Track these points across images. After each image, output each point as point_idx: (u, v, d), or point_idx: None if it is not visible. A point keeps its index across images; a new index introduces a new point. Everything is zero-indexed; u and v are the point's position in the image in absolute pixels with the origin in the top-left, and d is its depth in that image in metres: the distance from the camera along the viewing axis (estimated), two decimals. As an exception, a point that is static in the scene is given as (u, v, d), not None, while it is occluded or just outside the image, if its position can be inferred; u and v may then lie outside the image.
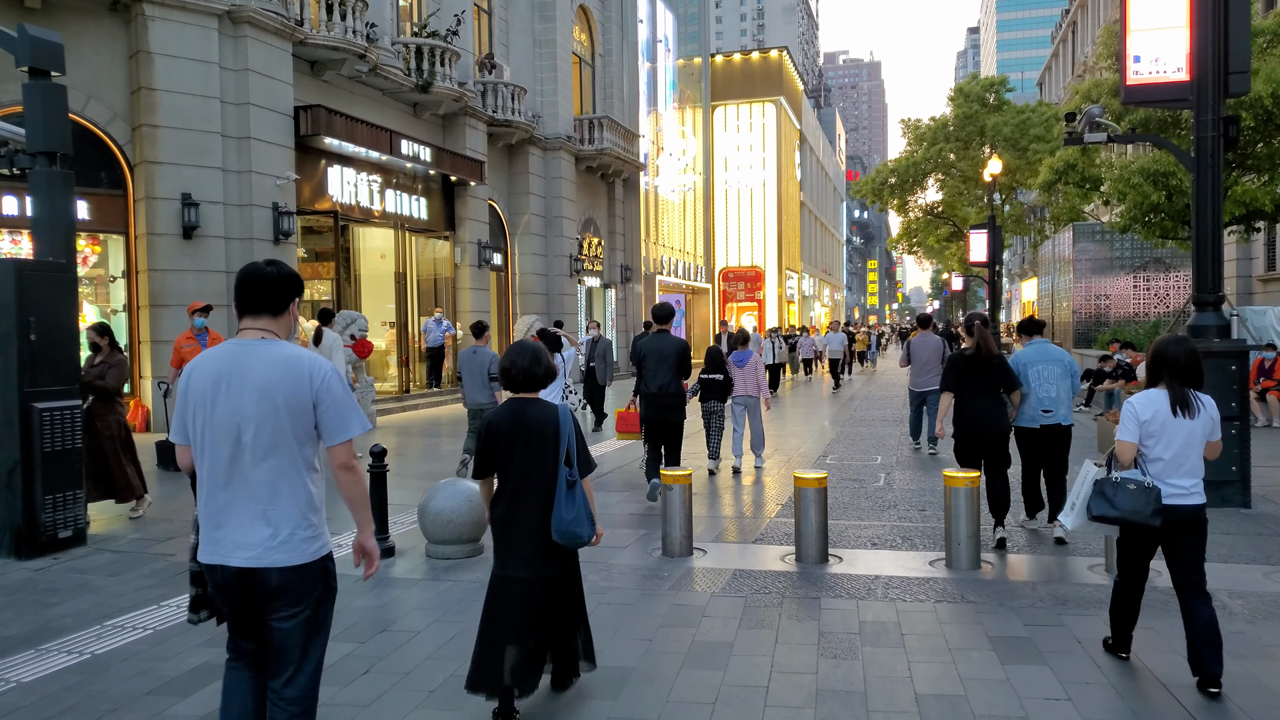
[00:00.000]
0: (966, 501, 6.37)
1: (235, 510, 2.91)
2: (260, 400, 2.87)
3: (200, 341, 10.03)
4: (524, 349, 3.96)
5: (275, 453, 2.90)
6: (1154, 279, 21.20)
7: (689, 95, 40.20)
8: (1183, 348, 4.24)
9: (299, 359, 2.92)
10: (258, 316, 2.99)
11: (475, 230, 21.95)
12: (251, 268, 3.02)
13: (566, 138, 26.12)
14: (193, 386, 2.95)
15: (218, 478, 2.92)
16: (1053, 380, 7.06)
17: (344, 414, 2.98)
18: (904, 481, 10.01)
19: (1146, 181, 14.88)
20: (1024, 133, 32.55)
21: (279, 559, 2.89)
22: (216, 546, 2.92)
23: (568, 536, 3.81)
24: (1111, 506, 4.27)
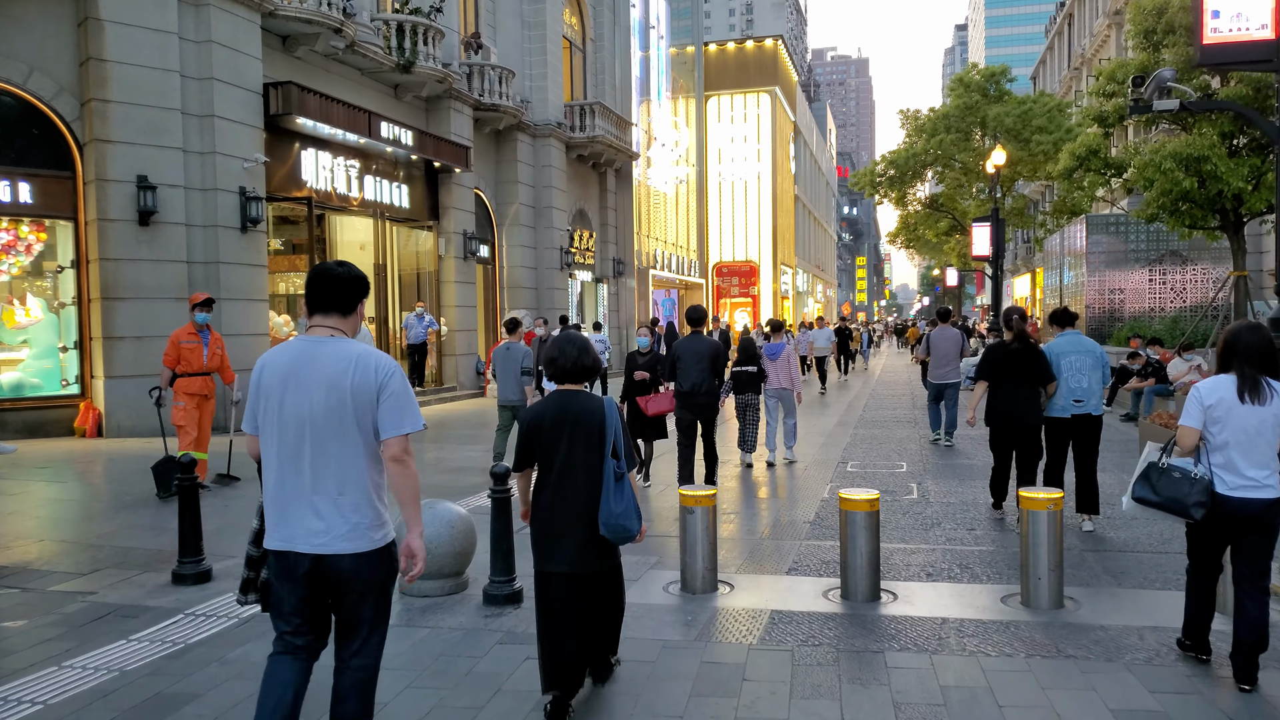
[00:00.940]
0: (1049, 527, 5.31)
1: (303, 498, 3.01)
2: (328, 393, 2.98)
3: (203, 339, 8.92)
4: (572, 340, 3.91)
5: (342, 443, 3.01)
6: (1170, 272, 20.25)
7: (682, 85, 39.10)
8: (1257, 335, 4.12)
9: (366, 354, 3.04)
10: (327, 315, 3.10)
11: (460, 220, 20.79)
12: (322, 268, 3.12)
13: (557, 124, 24.96)
14: (264, 381, 3.07)
15: (286, 467, 3.03)
16: (1084, 371, 7.10)
17: (402, 409, 3.05)
18: (940, 494, 8.95)
19: (1178, 167, 13.88)
20: (1026, 124, 31.59)
21: (348, 546, 3.01)
22: (285, 533, 3.03)
23: (617, 530, 3.75)
24: (1153, 492, 4.24)
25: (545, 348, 4.26)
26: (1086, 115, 16.16)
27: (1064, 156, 16.43)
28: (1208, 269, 20.03)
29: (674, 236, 37.04)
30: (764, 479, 9.97)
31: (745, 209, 43.73)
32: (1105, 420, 14.18)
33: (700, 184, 40.98)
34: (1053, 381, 7.12)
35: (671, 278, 35.95)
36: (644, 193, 32.85)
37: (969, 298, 64.88)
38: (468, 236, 20.92)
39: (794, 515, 8.07)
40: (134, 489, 9.10)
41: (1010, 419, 7.32)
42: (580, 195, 27.60)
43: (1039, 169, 31.58)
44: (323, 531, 3.00)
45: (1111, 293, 20.58)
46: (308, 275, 3.14)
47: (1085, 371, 7.11)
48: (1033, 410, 7.23)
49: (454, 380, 20.62)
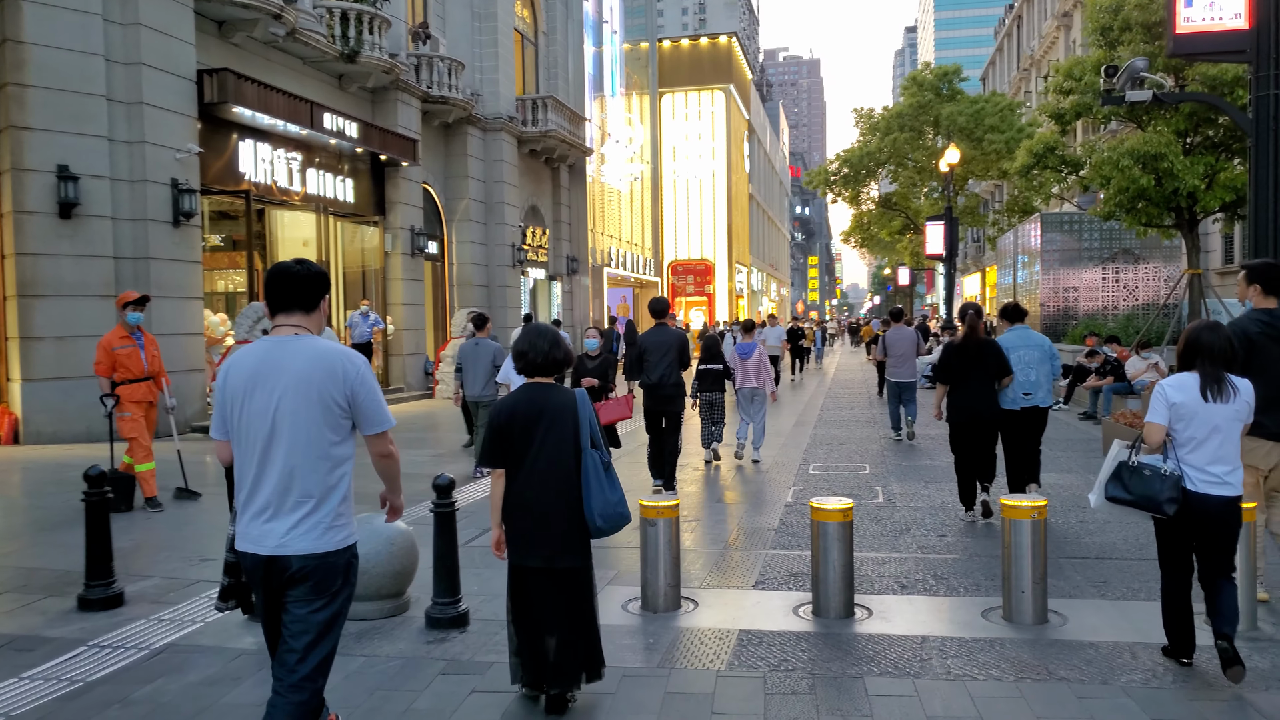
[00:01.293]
0: (1033, 537, 4.99)
1: (266, 500, 2.97)
2: (295, 393, 2.94)
3: (137, 341, 8.17)
4: (543, 332, 3.87)
5: (310, 444, 2.97)
6: (1123, 270, 20.33)
7: (636, 81, 38.70)
8: (1217, 334, 4.19)
9: (333, 353, 3.00)
10: (290, 313, 3.05)
11: (408, 215, 20.15)
12: (280, 266, 3.08)
13: (508, 118, 24.39)
14: (230, 383, 3.02)
15: (251, 469, 2.99)
16: (1033, 365, 7.40)
17: (380, 405, 3.07)
18: (906, 497, 8.64)
19: (1135, 164, 13.81)
20: (978, 123, 31.75)
21: (301, 546, 2.95)
22: (248, 534, 3.00)
23: (614, 519, 3.73)
24: (1125, 491, 4.26)
25: (514, 341, 4.12)
26: (1043, 112, 16.05)
27: (1021, 154, 16.33)
28: (1159, 267, 20.16)
29: (629, 234, 36.63)
30: (725, 482, 9.60)
31: (700, 207, 43.44)
32: (1063, 419, 14.07)
33: (655, 181, 40.61)
34: (1009, 375, 7.38)
35: (626, 276, 35.55)
36: (598, 190, 32.39)
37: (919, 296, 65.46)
38: (415, 232, 20.29)
39: (758, 522, 7.69)
40: (47, 501, 8.43)
41: (971, 412, 7.48)
42: (533, 191, 27.06)
43: (991, 167, 31.77)
44: (279, 531, 2.96)
45: (1066, 291, 20.61)
46: (266, 275, 3.11)
47: (1034, 365, 7.41)
48: (990, 403, 7.44)
49: (401, 381, 19.97)
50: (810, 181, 36.21)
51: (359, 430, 3.08)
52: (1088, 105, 14.94)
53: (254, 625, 5.09)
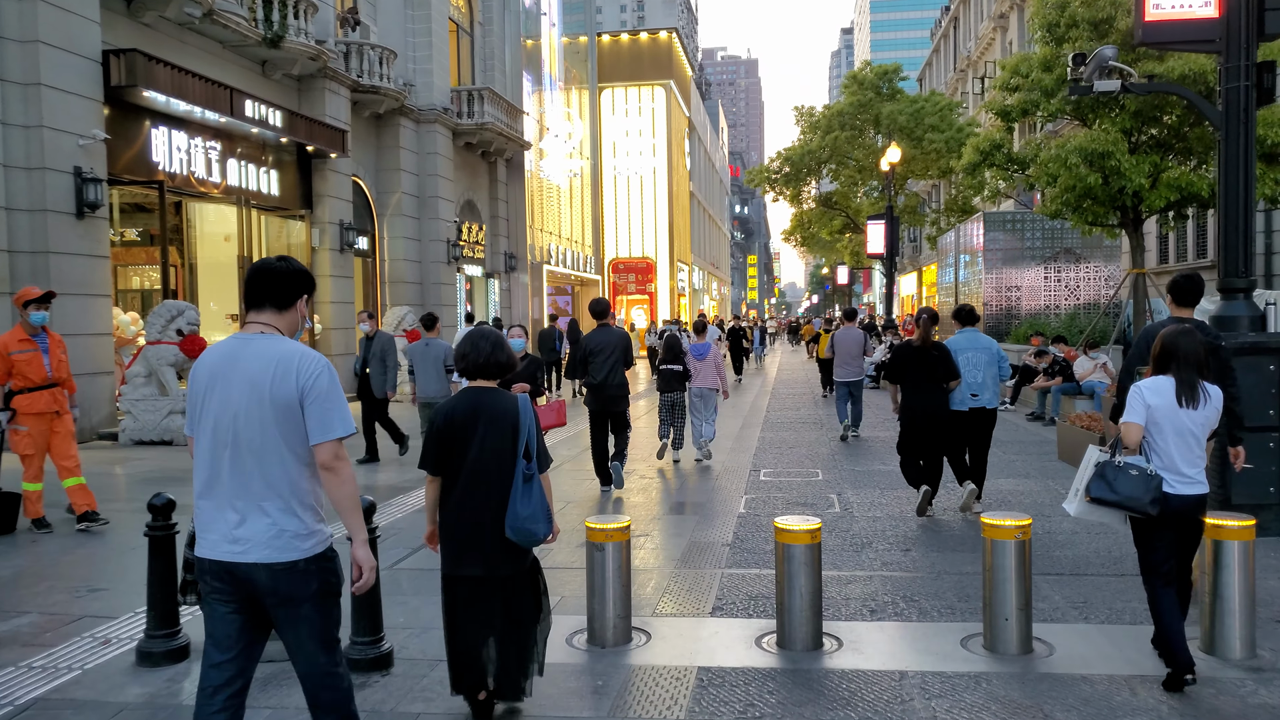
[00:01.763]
0: (1017, 559, 4.56)
1: (223, 504, 2.86)
2: (250, 393, 2.84)
3: (40, 344, 7.25)
4: (485, 334, 3.82)
5: (263, 448, 2.85)
6: (1065, 270, 20.38)
7: (575, 75, 38.03)
8: (1193, 341, 4.23)
9: (290, 353, 2.86)
10: (260, 310, 2.95)
11: (337, 209, 19.25)
12: (262, 263, 3.00)
13: (443, 109, 23.57)
14: (194, 380, 2.95)
15: (206, 470, 2.89)
16: (980, 367, 7.58)
17: (328, 412, 2.88)
18: (864, 506, 8.22)
19: (1083, 162, 13.69)
20: (919, 122, 31.82)
21: (266, 555, 2.83)
22: (204, 539, 2.90)
23: (523, 534, 3.60)
24: (1111, 490, 4.23)
25: (458, 343, 3.99)
26: (989, 109, 15.90)
27: (967, 151, 16.16)
28: (1099, 267, 20.25)
29: (569, 231, 35.97)
30: (672, 489, 9.09)
31: (641, 204, 42.95)
32: (1011, 420, 13.88)
33: (595, 177, 40.00)
34: (957, 379, 7.54)
35: (567, 273, 34.88)
36: (537, 185, 31.67)
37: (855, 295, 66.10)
38: (344, 227, 19.40)
39: (710, 536, 7.19)
40: None
41: (922, 414, 7.63)
42: (469, 185, 26.26)
43: (931, 167, 31.87)
44: (240, 539, 2.83)
45: (1009, 290, 20.58)
46: (246, 271, 3.02)
47: (981, 367, 7.59)
48: (941, 404, 7.58)
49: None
50: (751, 179, 35.96)
51: (308, 436, 2.89)
52: (1034, 102, 14.81)
53: (140, 673, 4.43)
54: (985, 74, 42.52)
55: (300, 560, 2.86)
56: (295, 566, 2.86)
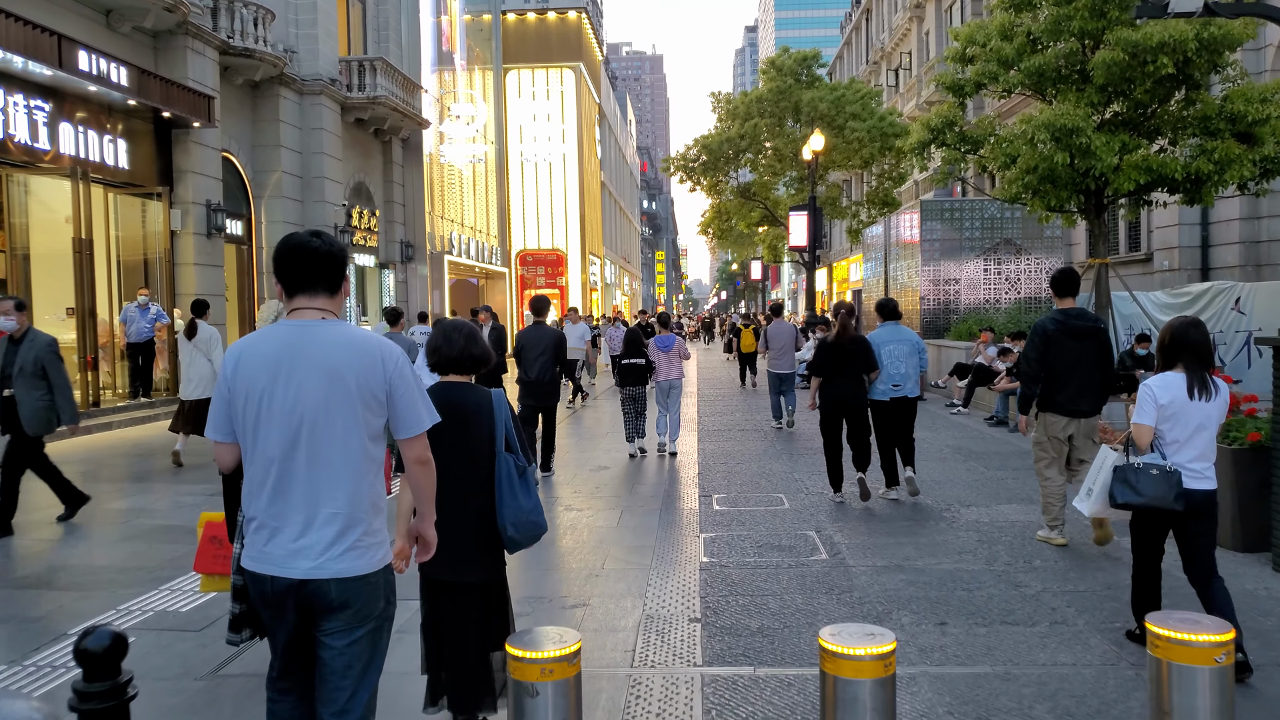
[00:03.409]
0: (1215, 698, 2.81)
1: (295, 513, 2.56)
2: (330, 387, 2.57)
3: None
4: (459, 326, 3.60)
5: (344, 446, 2.58)
6: (1006, 262, 19.26)
7: (479, 55, 35.62)
8: (1201, 332, 4.21)
9: (370, 341, 2.66)
10: (314, 295, 2.68)
11: (203, 188, 16.65)
12: (296, 239, 2.71)
13: (330, 81, 21.05)
14: (241, 375, 2.60)
15: (272, 477, 2.57)
16: (902, 359, 7.84)
17: (416, 404, 2.70)
18: (855, 550, 6.46)
19: (1050, 140, 12.31)
20: (840, 110, 30.56)
21: (341, 568, 2.55)
22: (270, 555, 2.57)
23: (528, 527, 3.39)
24: (1136, 493, 4.20)
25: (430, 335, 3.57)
26: (939, 82, 14.45)
27: (916, 129, 14.68)
28: (1041, 259, 19.19)
29: (472, 220, 33.54)
30: (615, 523, 7.17)
31: (550, 193, 40.68)
32: (971, 425, 12.46)
33: (501, 163, 37.61)
34: (876, 370, 7.81)
35: (471, 265, 32.48)
36: (438, 170, 29.22)
37: (762, 291, 65.00)
38: (212, 208, 16.81)
39: (671, 605, 5.30)
40: None
41: (838, 401, 7.87)
42: (360, 166, 23.73)
43: (853, 156, 30.71)
44: (314, 551, 2.54)
45: (946, 283, 19.35)
46: (277, 249, 2.71)
47: (903, 359, 7.85)
48: (859, 394, 7.88)
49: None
50: (667, 168, 34.21)
51: (393, 432, 2.69)
52: (992, 74, 13.39)
53: None
54: (900, 65, 41.89)
55: (374, 574, 2.62)
56: (369, 580, 2.61)
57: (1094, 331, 6.13)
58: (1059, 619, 4.95)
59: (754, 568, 6.01)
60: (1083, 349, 6.12)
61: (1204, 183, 12.44)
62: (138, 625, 5.06)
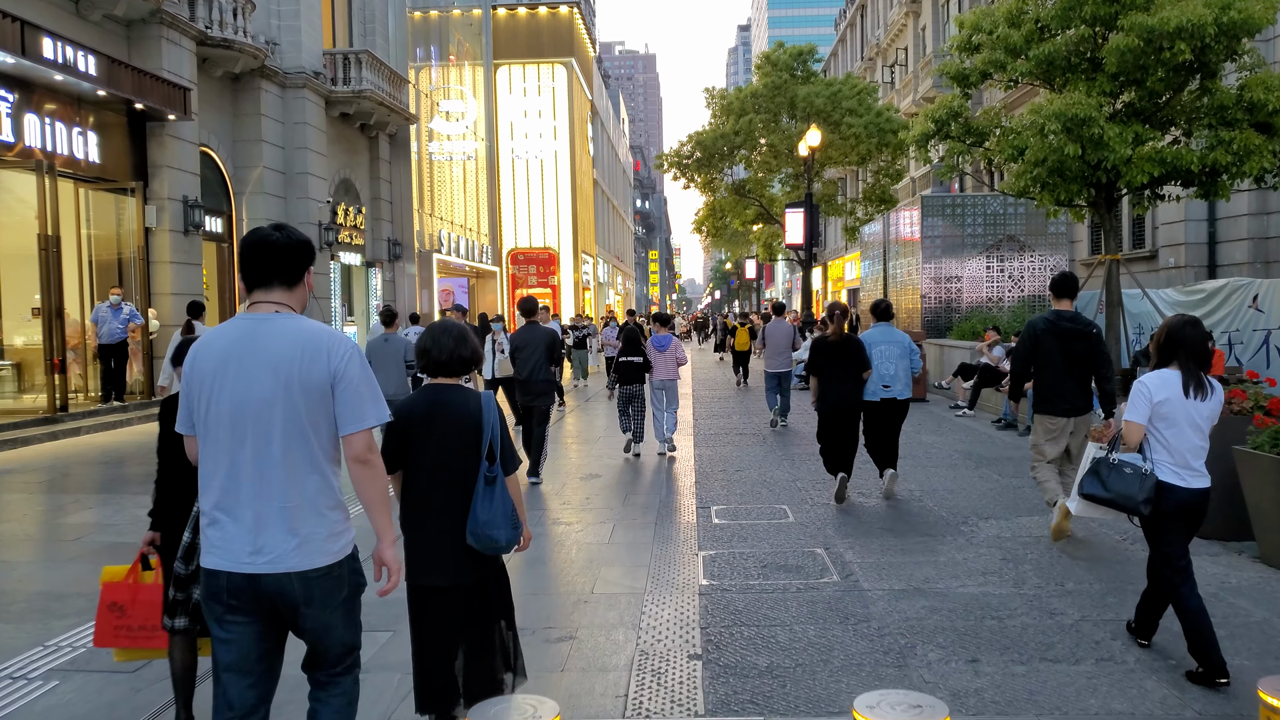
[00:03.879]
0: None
1: (245, 507, 2.55)
2: (273, 378, 2.55)
3: None
4: (448, 328, 3.52)
5: (290, 440, 2.56)
6: (1009, 259, 18.74)
7: (469, 50, 35.01)
8: (1198, 330, 4.18)
9: (317, 333, 2.63)
10: (269, 289, 2.67)
11: (179, 183, 16.04)
12: (257, 234, 2.69)
13: (314, 74, 20.45)
14: (197, 367, 2.62)
15: (222, 469, 2.57)
16: (892, 360, 7.85)
17: (361, 399, 2.63)
18: (869, 570, 5.91)
19: (1061, 130, 11.78)
20: (836, 105, 30.04)
21: (297, 563, 2.55)
22: (222, 549, 2.56)
23: (483, 541, 3.25)
24: (1103, 488, 4.24)
25: (420, 337, 3.50)
26: (943, 72, 13.90)
27: (920, 120, 14.14)
28: (1045, 256, 18.67)
29: (463, 218, 32.92)
30: (607, 537, 6.60)
31: (542, 191, 40.04)
32: (979, 429, 11.96)
33: (491, 161, 36.98)
34: (868, 369, 7.79)
35: (461, 264, 31.86)
36: (428, 168, 28.62)
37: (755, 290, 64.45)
38: (190, 204, 16.21)
39: (668, 638, 4.74)
40: None
41: (837, 404, 7.87)
42: (346, 162, 23.12)
43: (850, 152, 30.19)
44: (268, 548, 2.53)
45: (948, 281, 18.82)
46: (241, 244, 2.70)
47: (893, 360, 7.85)
48: (855, 394, 7.86)
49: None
50: (661, 164, 33.63)
51: (338, 426, 2.62)
52: (999, 62, 12.86)
53: None
54: (896, 61, 41.40)
55: (333, 565, 2.62)
56: (330, 573, 2.61)
57: (1084, 335, 6.34)
58: (1105, 654, 4.41)
59: (759, 592, 5.45)
60: (1071, 350, 6.30)
61: (1220, 175, 11.93)
62: (64, 665, 4.49)
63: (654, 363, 10.54)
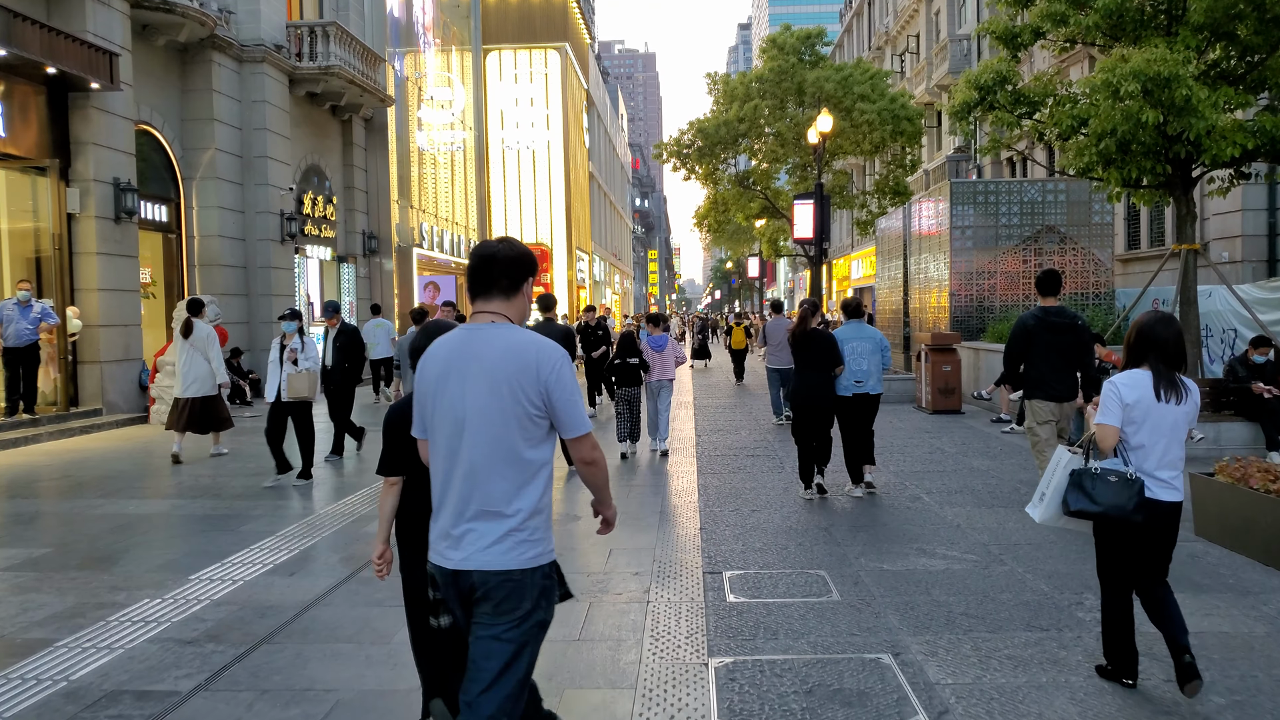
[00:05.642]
0: None
1: (455, 508, 2.68)
2: (488, 389, 2.65)
3: None
4: (441, 327, 3.27)
5: (492, 446, 2.65)
6: (1047, 253, 16.74)
7: (456, 35, 32.99)
8: (1171, 328, 3.94)
9: (528, 343, 2.69)
10: (489, 299, 2.78)
11: (108, 163, 14.03)
12: (483, 246, 2.81)
13: (274, 47, 18.45)
14: (424, 375, 2.78)
15: (440, 472, 2.73)
16: (864, 355, 8.07)
17: (576, 406, 2.71)
18: (968, 698, 3.91)
19: (1140, 93, 9.78)
20: (847, 90, 28.08)
21: (487, 561, 2.62)
22: (436, 545, 2.74)
23: None
24: (1091, 501, 3.91)
25: (413, 338, 3.47)
26: (989, 31, 11.89)
27: (960, 88, 12.15)
28: (1087, 249, 16.66)
29: (449, 211, 30.88)
30: (579, 640, 4.62)
31: (534, 183, 37.95)
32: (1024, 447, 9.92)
33: (480, 151, 34.91)
34: (840, 364, 7.95)
35: (446, 260, 29.81)
36: (411, 156, 26.58)
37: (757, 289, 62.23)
38: (122, 188, 14.19)
39: None
40: None
41: (808, 399, 7.95)
42: (314, 147, 21.09)
43: (863, 141, 28.20)
44: (467, 545, 2.64)
45: (979, 278, 16.81)
46: (470, 256, 2.83)
47: (865, 356, 8.05)
48: (825, 389, 7.96)
49: (98, 400, 13.85)
50: (660, 154, 31.64)
51: (559, 433, 2.72)
52: (1059, 15, 10.86)
53: None
54: (906, 49, 39.40)
55: (522, 569, 2.63)
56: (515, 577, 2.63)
57: (1071, 327, 6.75)
58: None
59: None
60: (1060, 342, 6.74)
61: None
62: None
63: (652, 363, 10.51)
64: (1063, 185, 16.90)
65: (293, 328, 9.00)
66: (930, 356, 14.42)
